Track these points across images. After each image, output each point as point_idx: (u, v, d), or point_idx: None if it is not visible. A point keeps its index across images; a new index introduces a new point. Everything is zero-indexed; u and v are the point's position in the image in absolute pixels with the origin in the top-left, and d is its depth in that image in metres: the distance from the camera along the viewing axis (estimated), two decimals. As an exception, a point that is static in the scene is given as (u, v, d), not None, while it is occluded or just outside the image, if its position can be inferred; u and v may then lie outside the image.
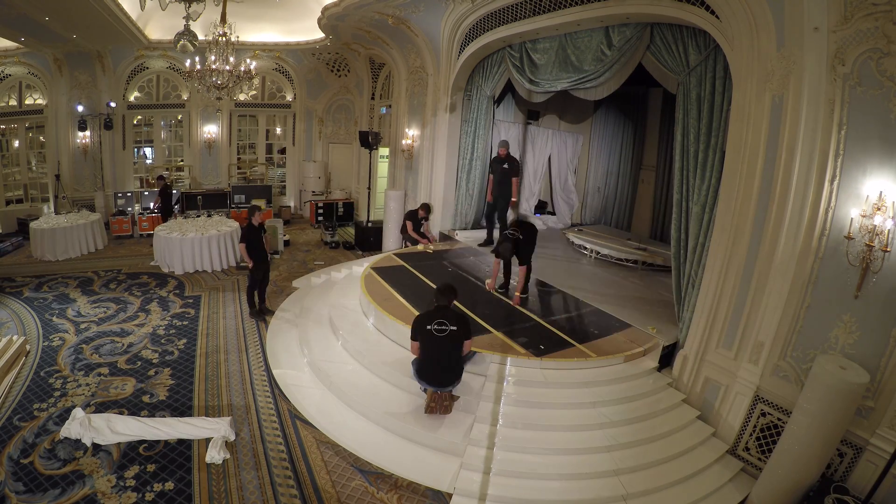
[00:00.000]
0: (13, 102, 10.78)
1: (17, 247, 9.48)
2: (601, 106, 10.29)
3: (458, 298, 4.43)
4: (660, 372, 4.99)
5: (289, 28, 11.16)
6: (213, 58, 7.79)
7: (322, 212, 12.42)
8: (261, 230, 6.49)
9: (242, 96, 12.16)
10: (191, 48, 7.97)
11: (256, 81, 12.27)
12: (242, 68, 8.08)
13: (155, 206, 10.63)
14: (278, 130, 13.53)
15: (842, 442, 3.66)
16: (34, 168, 11.63)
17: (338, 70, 12.90)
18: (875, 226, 3.37)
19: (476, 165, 8.91)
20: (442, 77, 8.81)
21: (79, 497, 3.45)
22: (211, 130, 12.39)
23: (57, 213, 10.57)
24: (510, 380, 4.54)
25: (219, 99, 8.63)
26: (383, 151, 11.75)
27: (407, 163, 10.39)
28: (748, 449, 4.23)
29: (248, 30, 10.66)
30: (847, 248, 3.56)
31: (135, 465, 3.79)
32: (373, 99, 12.61)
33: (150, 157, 12.73)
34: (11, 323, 6.09)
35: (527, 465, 3.88)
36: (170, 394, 4.82)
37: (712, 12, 4.40)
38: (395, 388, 4.68)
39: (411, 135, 10.07)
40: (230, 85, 8.08)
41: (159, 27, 10.25)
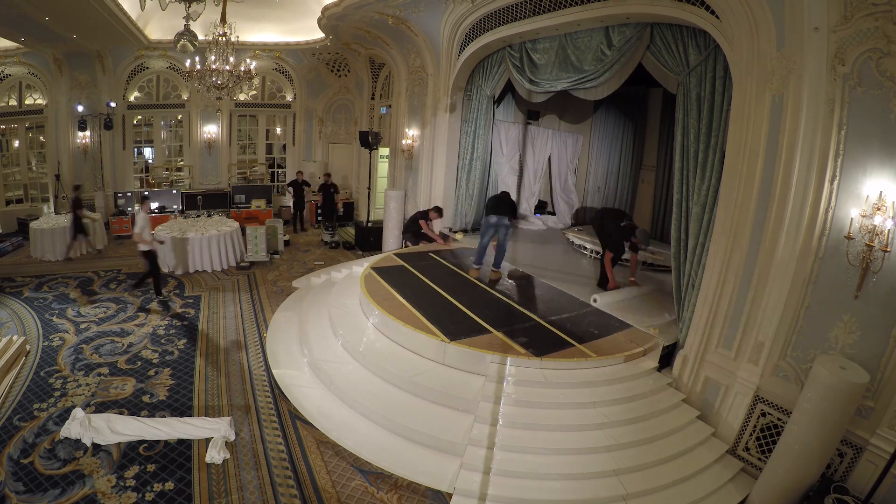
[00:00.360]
0: (13, 102, 10.78)
1: (17, 247, 9.48)
2: (601, 106, 10.30)
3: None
4: (660, 372, 4.99)
5: (289, 28, 11.16)
6: (213, 58, 7.79)
7: (322, 212, 12.42)
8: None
9: (242, 96, 12.16)
10: (191, 48, 7.97)
11: (256, 81, 12.27)
12: (242, 68, 8.08)
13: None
14: (278, 130, 13.53)
15: (842, 442, 3.66)
16: (34, 168, 11.63)
17: (338, 70, 12.89)
18: (875, 226, 3.37)
19: (476, 165, 8.91)
20: (442, 77, 8.81)
21: (79, 497, 3.45)
22: (211, 130, 12.39)
23: (57, 213, 10.57)
24: (510, 380, 4.54)
25: (219, 99, 8.63)
26: (383, 151, 11.75)
27: (407, 163, 10.39)
28: (748, 449, 4.23)
29: (248, 30, 10.66)
30: (847, 248, 3.55)
31: (135, 465, 3.78)
32: (373, 99, 12.61)
33: (150, 156, 12.74)
34: (11, 323, 6.09)
35: (527, 465, 3.88)
36: (170, 394, 4.82)
37: (712, 12, 4.40)
38: (395, 388, 4.67)
39: (411, 135, 10.06)
40: (230, 85, 8.08)
41: (159, 27, 10.25)
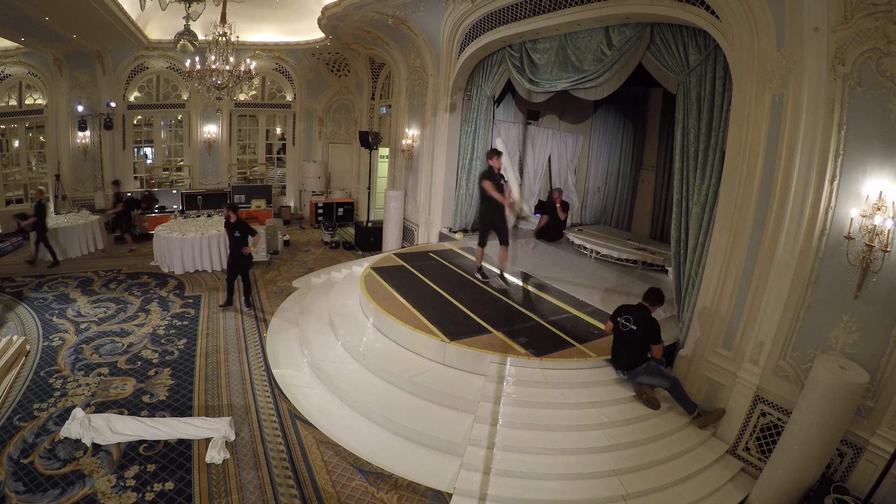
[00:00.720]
0: (13, 102, 10.77)
1: (17, 247, 9.48)
2: (601, 106, 10.28)
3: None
4: (660, 372, 4.99)
5: (289, 28, 11.15)
6: (213, 58, 7.79)
7: (322, 212, 12.43)
8: None
9: (242, 96, 12.16)
10: (191, 48, 7.97)
11: (256, 81, 12.27)
12: (242, 68, 8.08)
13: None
14: (278, 130, 13.52)
15: (842, 442, 3.65)
16: (34, 168, 11.64)
17: (338, 70, 12.89)
18: (875, 226, 3.37)
19: (476, 165, 8.89)
20: (442, 77, 8.80)
21: (79, 497, 3.45)
22: (211, 130, 12.39)
23: (57, 213, 10.57)
24: (510, 380, 4.54)
25: (219, 99, 8.64)
26: (383, 151, 11.74)
27: (407, 163, 10.39)
28: (748, 449, 4.23)
29: (248, 30, 10.66)
30: (847, 248, 3.55)
31: (135, 465, 3.78)
32: (373, 99, 12.61)
33: (150, 156, 12.74)
34: (11, 323, 6.09)
35: (527, 465, 3.88)
36: (170, 394, 4.82)
37: (712, 12, 4.40)
38: (395, 388, 4.68)
39: (411, 135, 10.06)
40: (230, 85, 8.08)
41: (159, 27, 10.25)
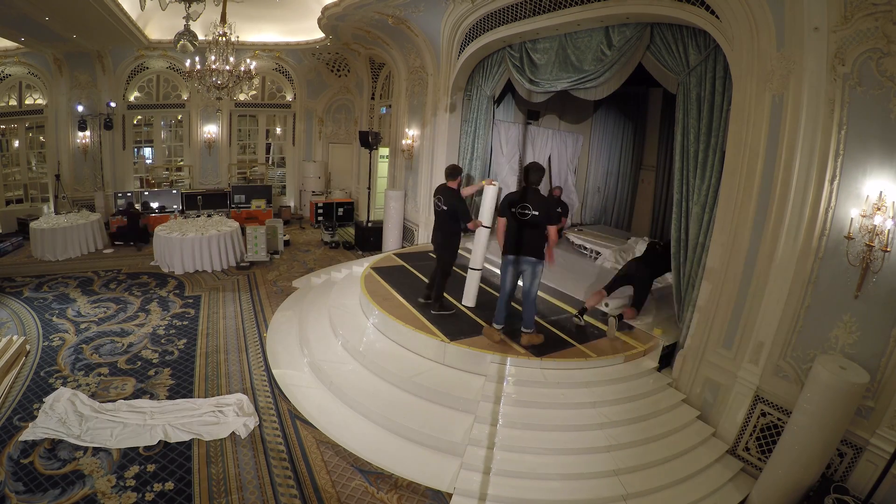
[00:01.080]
0: (13, 102, 10.77)
1: (17, 247, 9.47)
2: (601, 106, 10.28)
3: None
4: (660, 372, 4.99)
5: (289, 28, 11.15)
6: (213, 58, 7.78)
7: (322, 212, 12.42)
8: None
9: (242, 96, 12.16)
10: (191, 48, 7.97)
11: (256, 81, 12.27)
12: (242, 68, 8.08)
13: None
14: (278, 130, 13.52)
15: (842, 442, 3.65)
16: (34, 168, 11.63)
17: (338, 70, 12.89)
18: (875, 226, 3.36)
19: (476, 165, 8.89)
20: (442, 77, 8.80)
21: (79, 497, 3.45)
22: (211, 130, 12.38)
23: (57, 213, 10.57)
24: (510, 380, 4.55)
25: (219, 99, 8.63)
26: (383, 151, 11.74)
27: (407, 163, 10.39)
28: (748, 449, 4.23)
29: (248, 30, 10.65)
30: (847, 248, 3.55)
31: (135, 465, 3.78)
32: (373, 99, 12.60)
33: (150, 157, 12.73)
34: (11, 323, 6.09)
35: (527, 465, 3.88)
36: (170, 394, 4.81)
37: (712, 12, 4.40)
38: (395, 388, 4.68)
39: (411, 135, 10.06)
40: (230, 85, 8.08)
41: (159, 27, 10.24)
